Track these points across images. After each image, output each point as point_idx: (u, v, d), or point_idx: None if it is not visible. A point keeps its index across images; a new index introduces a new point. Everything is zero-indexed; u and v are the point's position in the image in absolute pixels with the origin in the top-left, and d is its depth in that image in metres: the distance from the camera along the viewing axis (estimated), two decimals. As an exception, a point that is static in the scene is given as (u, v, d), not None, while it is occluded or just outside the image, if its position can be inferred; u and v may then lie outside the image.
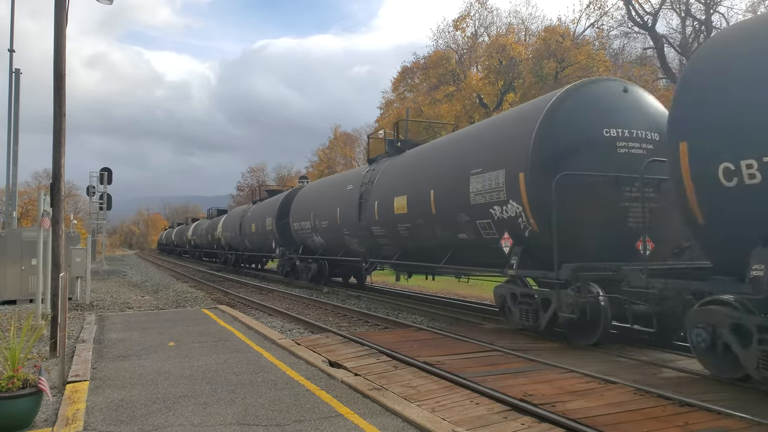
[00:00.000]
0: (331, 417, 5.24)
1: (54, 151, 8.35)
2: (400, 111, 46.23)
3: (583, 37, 40.52)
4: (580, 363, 7.44)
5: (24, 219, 49.40)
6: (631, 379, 6.57)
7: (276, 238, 24.59)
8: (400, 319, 12.53)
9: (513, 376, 6.85)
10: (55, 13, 8.50)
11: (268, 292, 20.20)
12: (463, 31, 44.13)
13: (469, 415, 5.41)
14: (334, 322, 12.67)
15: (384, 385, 6.44)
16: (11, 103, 19.64)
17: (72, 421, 5.13)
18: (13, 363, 5.26)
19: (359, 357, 8.07)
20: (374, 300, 16.55)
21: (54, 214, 8.50)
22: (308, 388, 6.23)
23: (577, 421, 5.11)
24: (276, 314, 13.86)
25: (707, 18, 34.36)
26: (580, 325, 8.42)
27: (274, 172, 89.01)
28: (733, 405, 5.54)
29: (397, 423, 5.09)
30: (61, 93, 8.43)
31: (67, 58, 8.59)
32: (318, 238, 20.12)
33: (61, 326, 6.73)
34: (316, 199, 20.45)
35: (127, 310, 14.08)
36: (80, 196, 72.81)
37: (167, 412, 5.42)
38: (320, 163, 67.37)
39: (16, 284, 15.11)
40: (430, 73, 44.68)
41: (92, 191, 34.19)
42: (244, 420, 5.18)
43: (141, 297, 18.09)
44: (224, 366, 7.35)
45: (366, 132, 62.08)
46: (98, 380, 6.64)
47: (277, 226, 24.41)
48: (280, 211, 24.54)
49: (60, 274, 7.70)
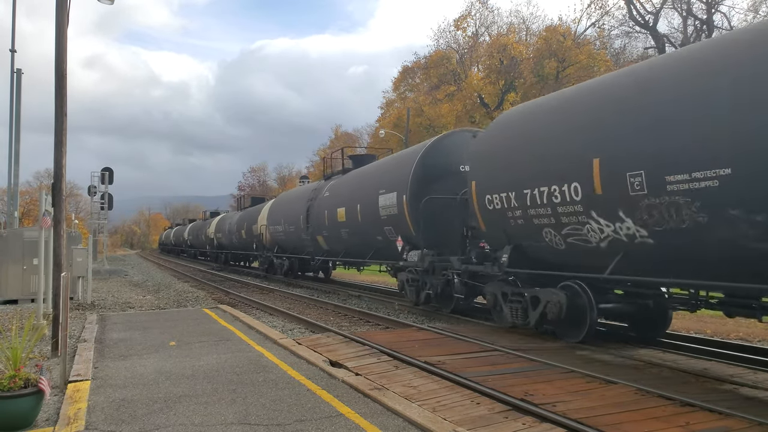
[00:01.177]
0: (332, 417, 5.25)
1: (55, 151, 8.36)
2: (401, 110, 46.25)
3: (584, 36, 40.50)
4: (581, 363, 7.44)
5: (25, 219, 49.46)
6: (632, 378, 6.57)
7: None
8: (400, 318, 12.53)
9: (514, 375, 6.85)
10: (56, 13, 8.51)
11: (269, 291, 20.22)
12: (464, 30, 44.15)
13: (470, 415, 5.41)
14: (334, 321, 12.67)
15: (385, 384, 6.44)
16: (13, 103, 19.67)
17: (73, 421, 5.14)
18: (15, 362, 5.27)
19: (360, 357, 8.07)
20: (375, 300, 16.56)
21: (55, 213, 8.51)
22: (309, 388, 6.24)
23: (578, 421, 5.11)
24: (277, 314, 13.87)
25: (709, 17, 34.34)
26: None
27: (275, 172, 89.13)
28: (734, 405, 5.54)
29: (398, 423, 5.09)
30: (63, 93, 8.44)
31: (68, 58, 8.59)
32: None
33: (63, 326, 6.74)
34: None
35: (128, 310, 14.10)
36: (81, 195, 72.87)
37: (168, 411, 5.43)
38: (321, 163, 67.38)
39: (17, 284, 15.13)
40: (431, 73, 44.70)
41: (93, 191, 34.20)
42: (245, 420, 5.18)
43: (142, 296, 18.10)
44: (225, 365, 7.36)
45: (367, 132, 62.12)
46: (100, 380, 6.65)
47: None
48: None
49: (61, 273, 7.70)
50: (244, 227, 31.72)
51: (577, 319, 8.61)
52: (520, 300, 9.75)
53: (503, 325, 10.39)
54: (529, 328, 9.76)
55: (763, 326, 11.13)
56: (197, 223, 54.63)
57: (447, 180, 12.94)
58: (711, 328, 11.18)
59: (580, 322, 8.59)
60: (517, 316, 9.83)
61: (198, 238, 48.31)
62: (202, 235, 45.51)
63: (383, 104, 54.73)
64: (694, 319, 12.12)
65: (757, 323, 11.30)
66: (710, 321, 11.86)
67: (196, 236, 49.87)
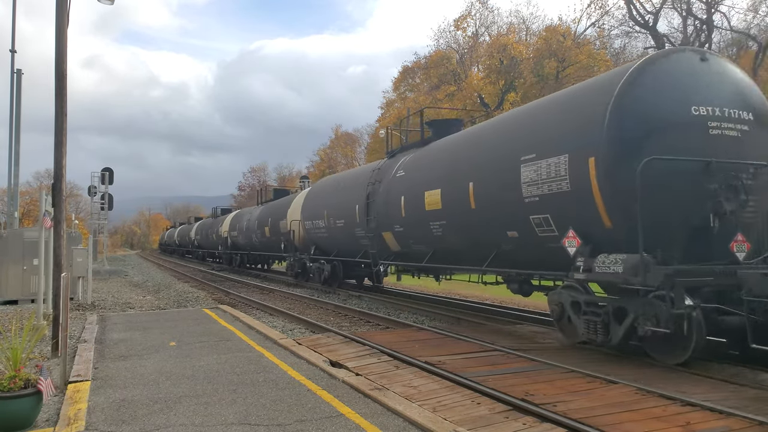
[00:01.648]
0: (333, 417, 5.24)
1: (55, 151, 8.36)
2: (401, 111, 46.19)
3: (584, 36, 40.49)
4: (582, 363, 7.43)
5: (26, 219, 49.44)
6: (633, 378, 6.57)
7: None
8: (401, 318, 12.53)
9: (514, 375, 6.84)
10: (56, 13, 8.51)
11: (269, 292, 20.21)
12: (464, 30, 44.14)
13: (470, 415, 5.40)
14: (335, 321, 12.67)
15: (385, 385, 6.44)
16: (13, 104, 19.67)
17: (74, 421, 5.14)
18: (15, 363, 5.27)
19: (360, 357, 8.07)
20: (375, 300, 16.54)
21: (55, 214, 8.50)
22: (309, 388, 6.24)
23: (578, 420, 5.10)
24: (277, 314, 13.86)
25: (708, 17, 34.32)
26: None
27: (275, 172, 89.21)
28: (735, 405, 5.53)
29: (399, 423, 5.09)
30: (63, 93, 8.44)
31: (67, 58, 8.59)
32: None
33: (63, 326, 6.73)
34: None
35: (128, 310, 14.10)
36: (82, 196, 72.79)
37: (169, 411, 5.43)
38: (321, 163, 67.46)
39: (17, 284, 15.13)
40: (431, 73, 44.69)
41: (94, 191, 34.22)
42: (245, 420, 5.18)
43: (142, 297, 18.10)
44: (225, 366, 7.35)
45: (367, 132, 62.12)
46: (100, 380, 6.65)
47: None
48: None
49: (61, 274, 7.70)
50: (268, 223, 26.74)
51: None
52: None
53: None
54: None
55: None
56: (206, 221, 48.95)
57: (672, 133, 7.46)
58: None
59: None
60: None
61: (207, 237, 43.72)
62: (213, 235, 40.97)
63: (383, 104, 54.72)
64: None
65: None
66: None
67: (205, 236, 45.07)
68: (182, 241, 60.35)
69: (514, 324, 11.33)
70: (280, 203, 26.64)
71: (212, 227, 41.94)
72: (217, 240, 39.09)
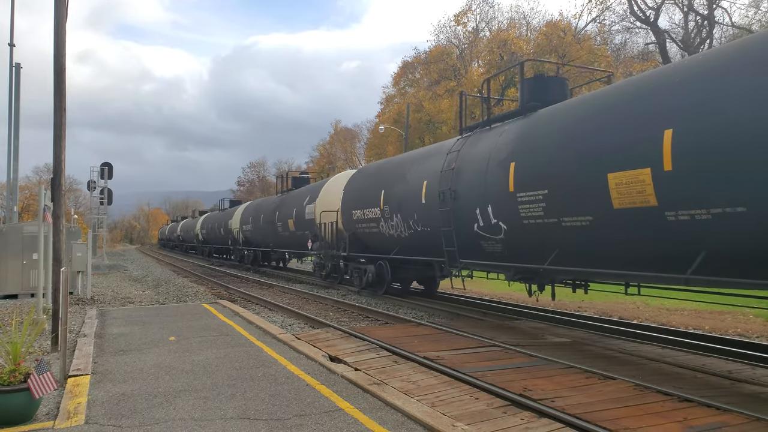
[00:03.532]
0: (332, 411, 5.26)
1: (54, 146, 8.35)
2: (401, 106, 46.14)
3: (584, 32, 40.42)
4: (580, 358, 7.46)
5: (25, 214, 49.47)
6: (631, 374, 6.59)
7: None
8: (400, 314, 12.54)
9: (513, 371, 6.87)
10: (54, 8, 8.48)
11: (269, 287, 20.23)
12: (464, 26, 44.08)
13: (469, 410, 5.42)
14: (334, 317, 12.69)
15: (384, 379, 6.46)
16: (11, 98, 19.65)
17: (73, 415, 5.15)
18: (15, 357, 5.28)
19: (359, 352, 8.09)
20: (373, 296, 16.55)
21: (55, 208, 8.50)
22: (308, 383, 6.25)
23: (576, 416, 5.13)
24: (276, 309, 13.88)
25: (710, 13, 34.25)
26: None
27: (275, 167, 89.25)
28: (732, 401, 5.56)
29: (397, 417, 5.11)
30: (62, 88, 8.42)
31: (66, 52, 8.57)
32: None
33: (63, 321, 6.75)
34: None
35: (128, 305, 14.12)
36: (81, 191, 72.90)
37: (168, 406, 5.44)
38: (321, 158, 67.45)
39: (17, 279, 15.15)
40: (431, 68, 44.64)
41: (93, 186, 34.21)
42: (244, 414, 5.19)
43: (142, 292, 18.12)
44: (225, 360, 7.37)
45: (367, 128, 62.00)
46: (99, 374, 6.66)
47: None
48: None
49: (61, 268, 7.71)
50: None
51: None
52: None
53: None
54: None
55: (761, 322, 11.16)
56: (213, 214, 45.87)
57: None
58: (709, 324, 11.20)
59: None
60: None
61: (214, 232, 40.35)
62: (221, 229, 37.63)
63: (383, 100, 54.71)
64: (692, 315, 12.15)
65: (755, 319, 11.35)
66: (708, 317, 11.89)
67: (211, 230, 41.63)
68: (186, 236, 56.65)
69: (512, 320, 11.35)
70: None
71: (222, 221, 38.44)
72: (227, 235, 36.02)
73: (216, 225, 40.14)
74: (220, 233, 38.48)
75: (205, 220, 45.94)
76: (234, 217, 34.36)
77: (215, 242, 41.32)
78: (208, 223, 43.78)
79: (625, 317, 12.29)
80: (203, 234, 45.29)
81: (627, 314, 12.70)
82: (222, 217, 38.91)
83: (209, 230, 42.77)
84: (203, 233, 45.28)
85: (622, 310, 13.27)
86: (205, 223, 45.41)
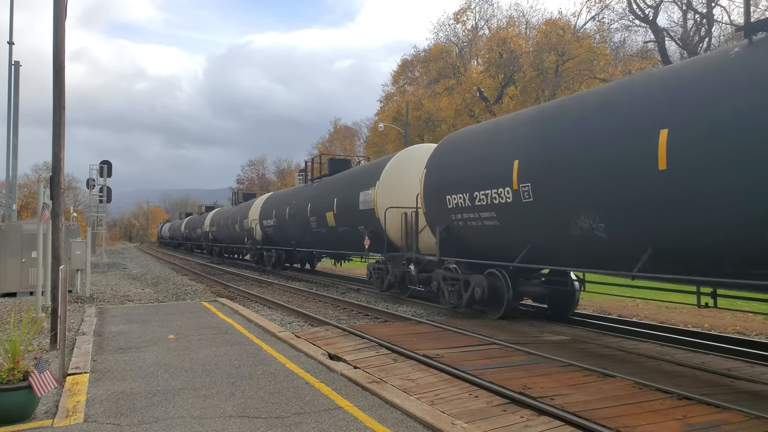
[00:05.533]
0: (331, 410, 5.26)
1: (54, 144, 8.33)
2: (401, 104, 46.13)
3: (583, 30, 40.38)
4: (579, 356, 7.47)
5: (24, 212, 49.43)
6: (630, 372, 6.59)
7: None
8: (399, 312, 12.54)
9: (512, 369, 6.87)
10: (53, 7, 8.46)
11: (268, 285, 20.23)
12: (463, 24, 44.05)
13: (468, 408, 5.42)
14: (333, 315, 12.69)
15: (383, 378, 6.46)
16: (11, 96, 19.62)
17: (72, 413, 5.15)
18: (14, 355, 5.28)
19: (358, 350, 8.09)
20: (374, 294, 16.57)
21: (54, 206, 8.49)
22: (308, 381, 6.26)
23: (575, 414, 5.13)
24: (276, 307, 13.88)
25: (709, 11, 34.24)
26: None
27: (274, 165, 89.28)
28: (731, 399, 5.56)
29: (397, 415, 5.11)
30: (61, 86, 8.40)
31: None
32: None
33: (62, 319, 6.74)
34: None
35: (127, 303, 14.11)
36: (80, 188, 72.84)
37: (167, 404, 5.44)
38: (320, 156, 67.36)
39: (16, 277, 15.14)
40: (430, 66, 44.60)
41: (92, 184, 34.20)
42: (243, 412, 5.19)
43: (141, 290, 18.12)
44: (224, 359, 7.37)
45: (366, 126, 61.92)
46: (98, 372, 6.66)
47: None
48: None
49: (60, 266, 7.70)
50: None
51: None
52: None
53: None
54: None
55: (760, 320, 11.17)
56: (224, 209, 41.24)
57: None
58: (709, 322, 11.21)
59: None
60: None
61: (226, 229, 35.57)
62: (235, 225, 33.04)
63: (382, 98, 54.69)
64: (692, 313, 12.16)
65: (754, 317, 11.36)
66: (708, 315, 11.90)
67: (223, 227, 36.84)
68: (191, 234, 52.23)
69: (512, 318, 11.34)
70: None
71: (234, 217, 33.95)
72: (242, 232, 31.42)
73: (229, 221, 35.00)
74: (234, 230, 33.49)
75: (214, 217, 41.06)
76: (251, 211, 29.75)
77: (227, 240, 36.89)
78: (218, 219, 39.03)
79: (624, 315, 12.30)
80: (213, 232, 40.42)
81: (626, 312, 12.72)
82: (235, 213, 34.12)
83: (219, 227, 37.99)
84: (213, 231, 40.31)
85: (621, 308, 13.28)
86: (214, 220, 40.50)
